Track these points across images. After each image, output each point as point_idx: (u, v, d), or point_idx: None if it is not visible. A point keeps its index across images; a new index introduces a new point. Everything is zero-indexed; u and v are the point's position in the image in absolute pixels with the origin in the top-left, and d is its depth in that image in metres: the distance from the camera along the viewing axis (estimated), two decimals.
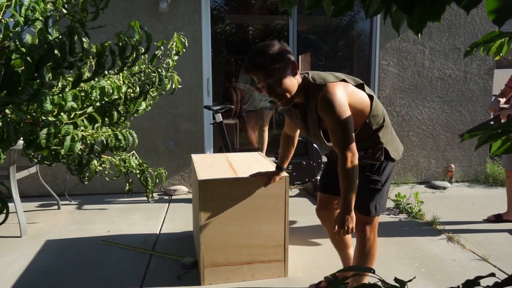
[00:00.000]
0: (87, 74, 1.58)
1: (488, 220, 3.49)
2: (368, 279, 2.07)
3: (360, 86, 1.94)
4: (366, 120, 1.94)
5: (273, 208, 2.43)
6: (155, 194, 4.33)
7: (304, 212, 3.69)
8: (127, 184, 2.12)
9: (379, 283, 0.77)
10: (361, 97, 1.91)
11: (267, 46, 1.80)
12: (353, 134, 1.78)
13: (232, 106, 4.38)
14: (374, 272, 0.80)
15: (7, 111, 1.36)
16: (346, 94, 1.81)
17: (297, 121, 2.07)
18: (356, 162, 1.77)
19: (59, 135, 1.38)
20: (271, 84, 1.80)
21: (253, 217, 2.40)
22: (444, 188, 4.56)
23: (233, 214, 2.38)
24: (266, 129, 5.40)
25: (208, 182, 2.33)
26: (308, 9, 0.87)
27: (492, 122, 4.05)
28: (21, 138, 1.43)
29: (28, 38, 1.14)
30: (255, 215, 2.40)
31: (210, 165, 2.72)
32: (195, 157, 2.97)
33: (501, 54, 1.50)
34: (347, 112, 1.76)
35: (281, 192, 2.42)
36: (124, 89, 1.75)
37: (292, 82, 1.83)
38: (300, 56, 5.28)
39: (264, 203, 2.40)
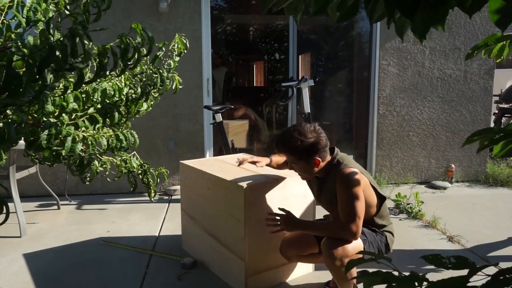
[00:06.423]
0: (89, 75, 1.57)
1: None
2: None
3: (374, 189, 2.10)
4: (372, 217, 2.12)
5: (305, 208, 2.44)
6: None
7: None
8: (130, 183, 2.12)
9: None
10: (371, 194, 2.06)
11: (299, 138, 1.96)
12: (363, 213, 1.92)
13: (232, 106, 4.36)
14: (390, 261, 0.81)
15: (8, 112, 1.35)
16: (361, 182, 1.97)
17: (313, 188, 2.25)
18: (350, 239, 1.92)
19: (60, 136, 1.38)
20: (292, 164, 2.06)
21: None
22: (445, 188, 4.56)
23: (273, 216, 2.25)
24: None
25: (253, 187, 2.18)
26: (314, 15, 0.86)
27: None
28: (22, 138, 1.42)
29: (30, 39, 1.13)
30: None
31: (222, 170, 2.52)
32: (193, 164, 2.73)
33: (502, 57, 1.50)
34: (360, 193, 1.94)
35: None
36: (125, 90, 1.75)
37: (309, 169, 2.04)
38: (300, 56, 5.27)
39: (296, 202, 2.38)
